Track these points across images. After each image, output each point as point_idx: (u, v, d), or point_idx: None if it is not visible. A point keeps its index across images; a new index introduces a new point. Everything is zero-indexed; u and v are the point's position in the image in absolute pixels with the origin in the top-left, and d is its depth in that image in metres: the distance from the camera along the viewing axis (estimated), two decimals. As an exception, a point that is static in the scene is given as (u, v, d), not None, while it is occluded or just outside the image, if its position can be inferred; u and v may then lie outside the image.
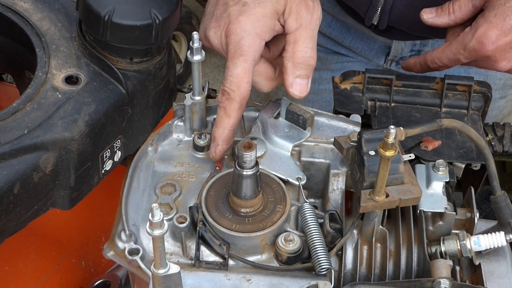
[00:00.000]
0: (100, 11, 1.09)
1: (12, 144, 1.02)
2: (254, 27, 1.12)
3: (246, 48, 1.12)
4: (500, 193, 1.14)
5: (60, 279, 1.43)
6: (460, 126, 1.14)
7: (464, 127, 1.14)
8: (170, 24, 1.13)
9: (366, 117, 1.30)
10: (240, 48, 1.12)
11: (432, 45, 1.60)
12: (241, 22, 1.12)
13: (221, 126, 1.14)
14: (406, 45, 1.61)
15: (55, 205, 1.11)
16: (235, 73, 1.12)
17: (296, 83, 1.16)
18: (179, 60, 3.39)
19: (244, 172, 1.05)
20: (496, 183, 1.14)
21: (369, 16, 1.50)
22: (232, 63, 1.12)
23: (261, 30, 1.13)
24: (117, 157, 1.16)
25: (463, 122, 1.15)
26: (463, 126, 1.14)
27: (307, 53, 1.14)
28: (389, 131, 0.98)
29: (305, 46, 1.14)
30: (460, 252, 1.13)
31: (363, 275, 1.14)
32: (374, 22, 1.51)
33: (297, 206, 1.12)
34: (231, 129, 1.15)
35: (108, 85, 1.13)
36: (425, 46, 1.61)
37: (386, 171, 1.03)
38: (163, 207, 1.12)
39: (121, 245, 1.09)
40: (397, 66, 1.67)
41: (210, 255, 1.09)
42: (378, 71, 1.49)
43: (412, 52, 1.63)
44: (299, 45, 1.14)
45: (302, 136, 1.20)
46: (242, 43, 1.12)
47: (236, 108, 1.13)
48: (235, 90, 1.12)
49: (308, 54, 1.14)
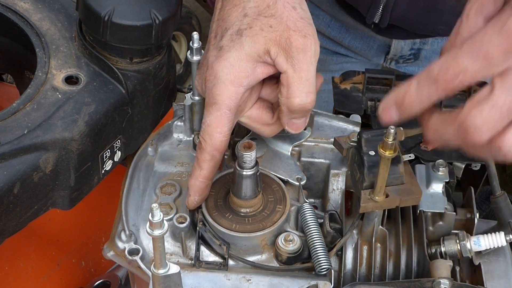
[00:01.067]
0: (100, 11, 1.09)
1: (12, 144, 1.02)
2: (228, 74, 1.02)
3: (218, 97, 1.03)
4: (500, 193, 1.14)
5: (60, 279, 1.43)
6: None
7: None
8: (170, 24, 1.13)
9: (366, 117, 1.30)
10: (212, 96, 1.04)
11: (431, 44, 1.60)
12: (214, 68, 1.04)
13: (193, 177, 1.08)
14: (406, 44, 1.61)
15: (55, 205, 1.11)
16: (207, 121, 1.05)
17: (291, 123, 1.08)
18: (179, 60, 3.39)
19: (244, 172, 1.05)
20: (496, 183, 1.14)
21: (371, 14, 1.49)
22: (206, 111, 1.05)
23: (235, 77, 1.02)
24: (117, 157, 1.16)
25: None
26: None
27: (302, 100, 1.02)
28: (389, 131, 0.98)
29: (300, 91, 1.02)
30: (460, 252, 1.13)
31: (363, 275, 1.14)
32: (376, 21, 1.51)
33: (297, 206, 1.12)
34: (203, 180, 1.07)
35: (108, 85, 1.13)
36: (425, 45, 1.61)
37: (386, 171, 1.03)
38: (163, 207, 1.12)
39: (121, 245, 1.09)
40: (397, 65, 1.67)
41: (210, 255, 1.09)
42: (378, 71, 1.49)
43: (412, 50, 1.63)
44: (293, 91, 1.02)
45: (302, 136, 1.20)
46: (213, 91, 1.04)
47: (207, 159, 1.06)
48: (206, 140, 1.05)
49: (303, 101, 1.02)
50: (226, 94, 1.03)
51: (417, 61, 1.63)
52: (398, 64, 1.66)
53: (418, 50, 1.62)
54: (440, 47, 1.57)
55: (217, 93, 1.03)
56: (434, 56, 1.61)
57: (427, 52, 1.62)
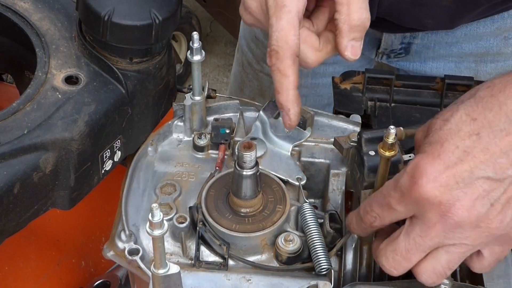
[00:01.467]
0: (100, 11, 1.09)
1: (12, 144, 1.02)
2: None
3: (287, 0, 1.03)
4: None
5: (60, 279, 1.43)
6: None
7: None
8: (170, 24, 1.13)
9: (366, 117, 1.30)
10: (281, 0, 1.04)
11: (422, 38, 1.60)
12: None
13: (284, 89, 1.05)
14: (396, 38, 1.61)
15: (55, 205, 1.11)
16: (280, 26, 1.03)
17: (350, 46, 1.09)
18: (179, 60, 3.39)
19: (244, 172, 1.05)
20: None
21: None
22: (276, 17, 1.04)
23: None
24: (117, 157, 1.16)
25: None
26: None
27: (363, 14, 1.07)
28: (389, 131, 0.98)
29: (360, 7, 1.06)
30: (460, 252, 1.13)
31: (363, 275, 1.14)
32: None
33: (297, 206, 1.12)
34: (294, 87, 1.06)
35: (108, 85, 1.13)
36: (415, 39, 1.60)
37: (386, 171, 1.03)
38: (163, 207, 1.12)
39: (121, 245, 1.09)
40: (388, 60, 1.66)
41: (210, 255, 1.09)
42: (378, 71, 1.49)
43: (403, 44, 1.62)
44: (354, 6, 1.06)
45: (302, 136, 1.20)
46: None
47: (290, 64, 1.04)
48: (283, 45, 1.03)
49: (364, 15, 1.07)
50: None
51: (408, 55, 1.63)
52: (389, 59, 1.65)
53: (409, 45, 1.61)
54: (431, 42, 1.58)
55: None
56: (425, 51, 1.62)
57: (417, 47, 1.61)
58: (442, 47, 1.61)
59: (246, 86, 1.91)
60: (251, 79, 1.87)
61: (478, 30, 1.57)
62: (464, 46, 1.60)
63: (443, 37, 1.59)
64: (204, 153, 1.21)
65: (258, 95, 1.87)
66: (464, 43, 1.60)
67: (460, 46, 1.60)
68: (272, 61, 1.05)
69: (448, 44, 1.60)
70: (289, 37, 1.03)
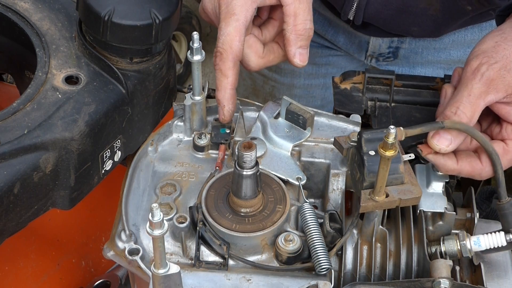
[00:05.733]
0: (100, 11, 1.09)
1: (12, 144, 1.02)
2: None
3: (238, 8, 1.15)
4: (505, 200, 1.12)
5: (60, 279, 1.43)
6: (464, 129, 1.10)
7: (468, 129, 1.11)
8: (170, 24, 1.14)
9: (366, 117, 1.30)
10: (232, 7, 1.15)
11: (409, 43, 1.61)
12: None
13: (221, 88, 1.17)
14: (383, 42, 1.62)
15: (55, 205, 1.11)
16: (227, 31, 1.15)
17: (298, 53, 1.20)
18: (179, 60, 3.39)
19: (244, 172, 1.05)
20: (502, 190, 1.12)
21: (345, 11, 1.50)
22: (225, 23, 1.15)
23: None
24: (117, 157, 1.16)
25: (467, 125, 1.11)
26: (468, 128, 1.11)
27: (307, 25, 1.19)
28: (389, 131, 0.98)
29: (305, 19, 1.19)
30: (460, 252, 1.13)
31: (363, 275, 1.14)
32: (350, 17, 1.52)
33: (297, 206, 1.12)
34: (232, 87, 1.17)
35: (108, 85, 1.13)
36: (403, 44, 1.61)
37: (386, 171, 1.03)
38: (163, 207, 1.12)
39: (121, 245, 1.09)
40: (377, 63, 1.67)
41: (210, 255, 1.09)
42: (378, 71, 1.49)
43: (390, 49, 1.63)
44: (299, 18, 1.18)
45: (302, 136, 1.20)
46: (233, 3, 1.15)
47: (231, 66, 1.15)
48: (227, 49, 1.15)
49: (308, 26, 1.19)
50: (244, 6, 1.15)
51: (397, 60, 1.64)
52: (378, 62, 1.66)
53: (397, 49, 1.62)
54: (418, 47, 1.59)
55: (237, 4, 1.15)
56: (413, 56, 1.63)
57: (405, 51, 1.62)
58: (430, 53, 1.62)
59: (240, 85, 1.92)
60: (244, 78, 1.88)
61: (466, 38, 1.58)
62: (452, 53, 1.61)
63: (431, 43, 1.60)
64: (204, 153, 1.21)
65: (252, 94, 1.89)
66: (452, 50, 1.61)
67: (448, 53, 1.61)
68: (216, 61, 1.17)
69: (436, 50, 1.61)
70: (234, 42, 1.15)
